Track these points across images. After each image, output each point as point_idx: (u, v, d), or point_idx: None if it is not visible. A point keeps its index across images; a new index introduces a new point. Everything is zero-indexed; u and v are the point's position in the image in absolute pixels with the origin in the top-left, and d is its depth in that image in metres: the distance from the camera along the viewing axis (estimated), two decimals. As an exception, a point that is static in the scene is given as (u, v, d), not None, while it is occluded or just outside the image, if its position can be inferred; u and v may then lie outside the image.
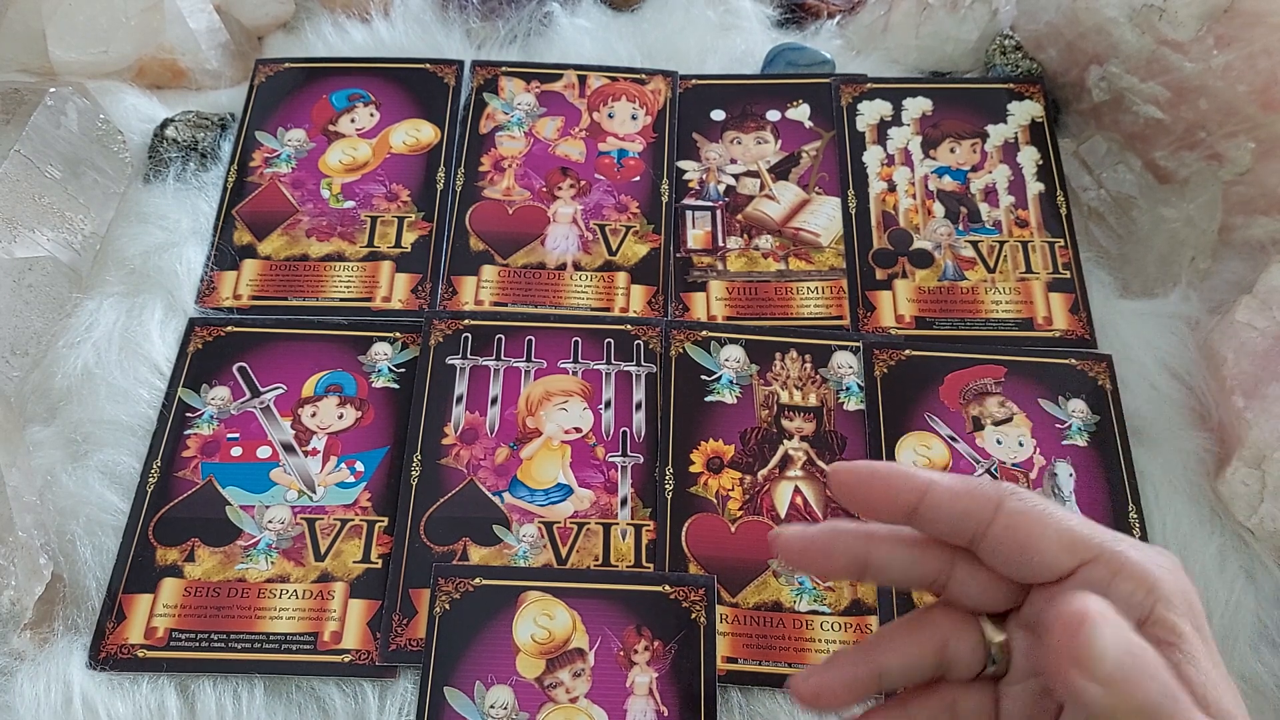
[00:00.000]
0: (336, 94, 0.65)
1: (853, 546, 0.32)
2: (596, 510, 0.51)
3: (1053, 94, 0.65)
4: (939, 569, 0.32)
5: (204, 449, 0.53)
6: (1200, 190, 0.57)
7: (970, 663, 0.32)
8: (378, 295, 0.58)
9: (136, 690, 0.46)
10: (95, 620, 0.48)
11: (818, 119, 0.65)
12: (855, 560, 0.32)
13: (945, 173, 0.62)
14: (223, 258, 0.59)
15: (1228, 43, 0.54)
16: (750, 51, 0.68)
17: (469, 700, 0.45)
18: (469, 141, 0.64)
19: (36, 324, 0.54)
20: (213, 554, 0.50)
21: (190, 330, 0.56)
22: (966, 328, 0.57)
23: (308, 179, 0.62)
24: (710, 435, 0.53)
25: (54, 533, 0.49)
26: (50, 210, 0.56)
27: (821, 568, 0.33)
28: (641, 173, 0.63)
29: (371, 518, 0.51)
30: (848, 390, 0.55)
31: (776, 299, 0.58)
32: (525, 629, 0.47)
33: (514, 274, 0.59)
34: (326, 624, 0.48)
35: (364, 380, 0.55)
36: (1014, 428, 0.53)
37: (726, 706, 0.46)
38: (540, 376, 0.55)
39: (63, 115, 0.58)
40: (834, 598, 0.49)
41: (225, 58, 0.67)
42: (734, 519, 0.51)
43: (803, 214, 0.61)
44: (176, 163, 0.62)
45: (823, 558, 0.32)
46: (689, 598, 0.48)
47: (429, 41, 0.68)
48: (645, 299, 0.58)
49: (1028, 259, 0.59)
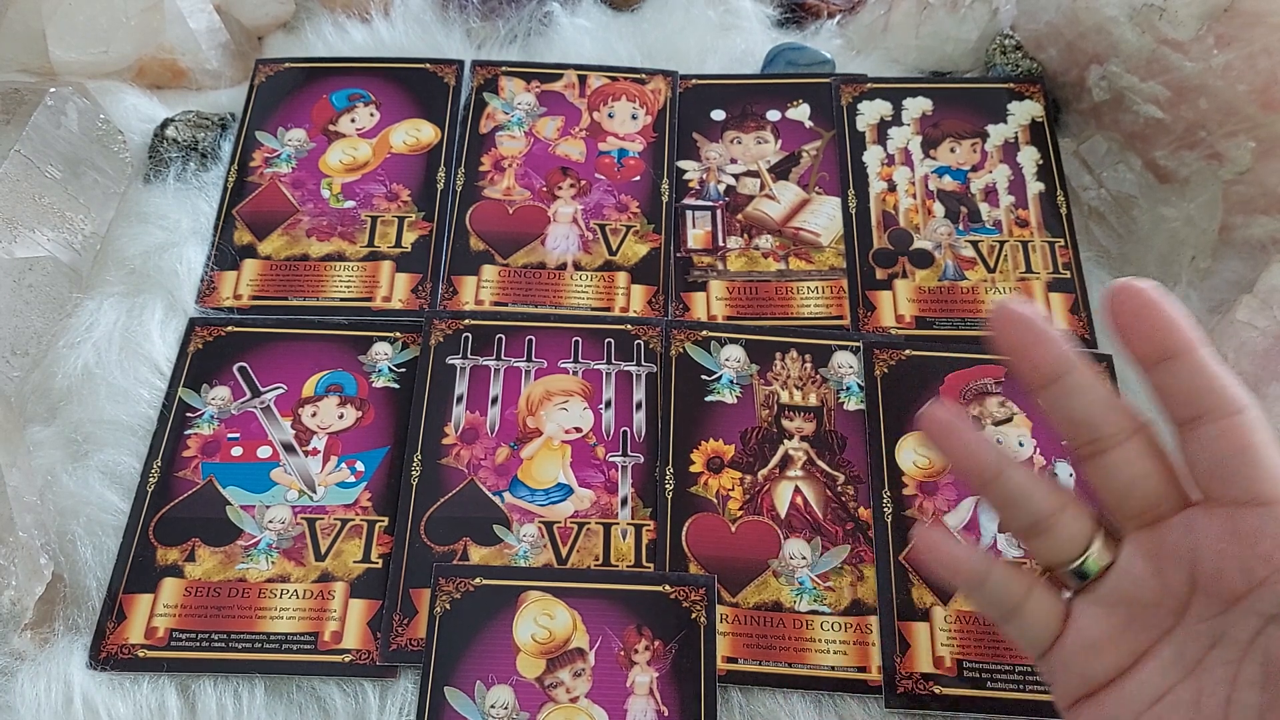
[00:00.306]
0: (336, 94, 0.65)
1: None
2: (597, 510, 0.51)
3: (1053, 94, 0.65)
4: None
5: (204, 449, 0.53)
6: (1200, 190, 0.57)
7: (1064, 561, 0.33)
8: (378, 295, 0.58)
9: (137, 690, 0.46)
10: (95, 620, 0.48)
11: (818, 119, 0.65)
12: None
13: (945, 172, 0.62)
14: (223, 258, 0.59)
15: (1228, 42, 0.54)
16: (750, 51, 0.68)
17: (469, 700, 0.45)
18: (469, 141, 0.64)
19: (36, 324, 0.54)
20: (213, 554, 0.50)
21: (190, 330, 0.56)
22: (967, 327, 0.57)
23: (308, 179, 0.62)
24: (710, 435, 0.53)
25: (54, 533, 0.49)
26: (50, 210, 0.56)
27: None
28: (641, 172, 0.63)
29: (372, 518, 0.51)
30: (848, 390, 0.55)
31: (776, 299, 0.58)
32: (525, 629, 0.47)
33: (514, 274, 0.59)
34: (327, 624, 0.48)
35: (364, 380, 0.55)
36: (1014, 428, 0.53)
37: (726, 706, 0.46)
38: (540, 376, 0.55)
39: (63, 115, 0.58)
40: (834, 598, 0.49)
41: (225, 58, 0.67)
42: (734, 519, 0.51)
43: (803, 214, 0.61)
44: (176, 163, 0.62)
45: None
46: (689, 597, 0.48)
47: (429, 41, 0.68)
48: (645, 299, 0.58)
49: (1028, 259, 0.59)
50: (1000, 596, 0.35)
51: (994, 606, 0.35)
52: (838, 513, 0.51)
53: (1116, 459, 0.31)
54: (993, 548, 0.50)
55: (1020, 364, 0.33)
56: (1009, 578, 0.35)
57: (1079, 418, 0.32)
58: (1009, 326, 0.32)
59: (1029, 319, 0.32)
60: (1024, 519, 0.34)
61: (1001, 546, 0.50)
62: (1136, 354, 0.31)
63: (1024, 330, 0.32)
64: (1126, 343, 0.32)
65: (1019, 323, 0.32)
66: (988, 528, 0.50)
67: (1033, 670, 0.46)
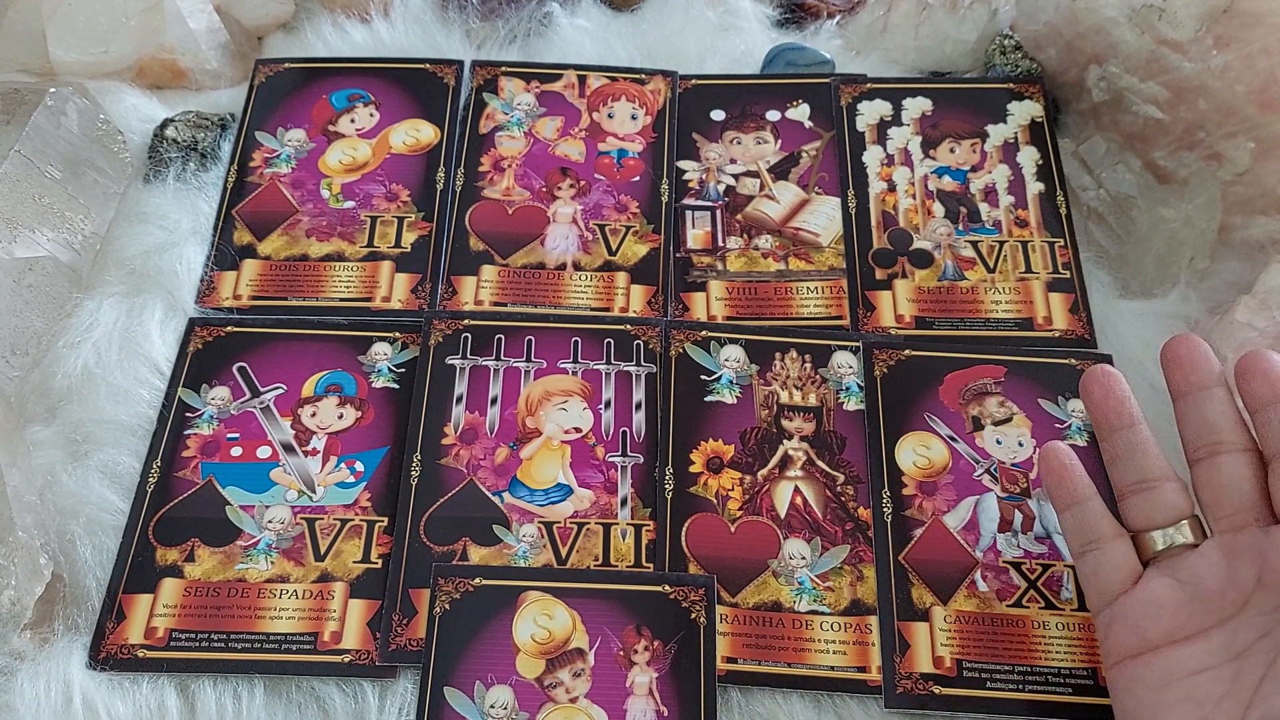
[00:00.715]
0: (336, 94, 0.65)
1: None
2: (596, 510, 0.51)
3: (1052, 94, 0.65)
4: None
5: (204, 449, 0.53)
6: (1199, 190, 0.57)
7: (1153, 526, 0.39)
8: (377, 295, 0.58)
9: (136, 690, 0.46)
10: (95, 620, 0.48)
11: (817, 119, 0.65)
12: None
13: (945, 173, 0.62)
14: (223, 258, 0.59)
15: (1227, 43, 0.54)
16: (750, 51, 0.68)
17: (469, 700, 0.45)
18: (469, 141, 0.64)
19: (36, 324, 0.54)
20: (213, 554, 0.50)
21: (190, 330, 0.56)
22: (966, 328, 0.57)
23: (308, 179, 0.62)
24: (710, 435, 0.53)
25: (54, 533, 0.49)
26: (50, 210, 0.56)
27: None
28: (641, 173, 0.63)
29: (371, 518, 0.51)
30: (848, 390, 0.55)
31: (776, 299, 0.58)
32: (525, 629, 0.47)
33: (514, 274, 0.59)
34: (326, 624, 0.48)
35: (364, 380, 0.55)
36: (1014, 428, 0.53)
37: (726, 706, 0.46)
38: (540, 376, 0.55)
39: (63, 115, 0.58)
40: (833, 598, 0.49)
41: (225, 58, 0.67)
42: (734, 519, 0.51)
43: (802, 214, 0.61)
44: (176, 163, 0.62)
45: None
46: (689, 598, 0.48)
47: (429, 41, 0.68)
48: (645, 299, 0.58)
49: (1027, 259, 0.59)
50: (1090, 524, 0.40)
51: (1078, 534, 0.40)
52: (837, 513, 0.51)
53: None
54: (992, 548, 0.50)
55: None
56: (1104, 514, 0.40)
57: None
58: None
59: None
60: (1133, 475, 0.39)
61: (1001, 547, 0.50)
62: (1245, 394, 0.38)
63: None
64: (1242, 388, 0.38)
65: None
66: (987, 527, 0.50)
67: (1033, 670, 0.46)
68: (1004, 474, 0.52)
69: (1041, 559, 0.49)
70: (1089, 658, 0.47)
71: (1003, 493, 0.51)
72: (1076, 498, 0.40)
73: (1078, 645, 0.47)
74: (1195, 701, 0.35)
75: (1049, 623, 0.48)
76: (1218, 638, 0.36)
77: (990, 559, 0.49)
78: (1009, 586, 0.49)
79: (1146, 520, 0.38)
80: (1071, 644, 0.47)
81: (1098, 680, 0.46)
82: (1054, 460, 0.41)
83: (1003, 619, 0.48)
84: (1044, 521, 0.50)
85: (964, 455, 0.52)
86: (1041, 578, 0.49)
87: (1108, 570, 0.39)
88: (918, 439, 0.53)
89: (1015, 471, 0.52)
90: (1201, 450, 0.38)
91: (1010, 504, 0.51)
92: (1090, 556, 0.39)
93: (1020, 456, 0.52)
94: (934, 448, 0.53)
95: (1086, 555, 0.39)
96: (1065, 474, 0.40)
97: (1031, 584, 0.49)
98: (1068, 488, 0.40)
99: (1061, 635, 0.47)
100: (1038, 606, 0.48)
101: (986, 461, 0.52)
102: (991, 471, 0.52)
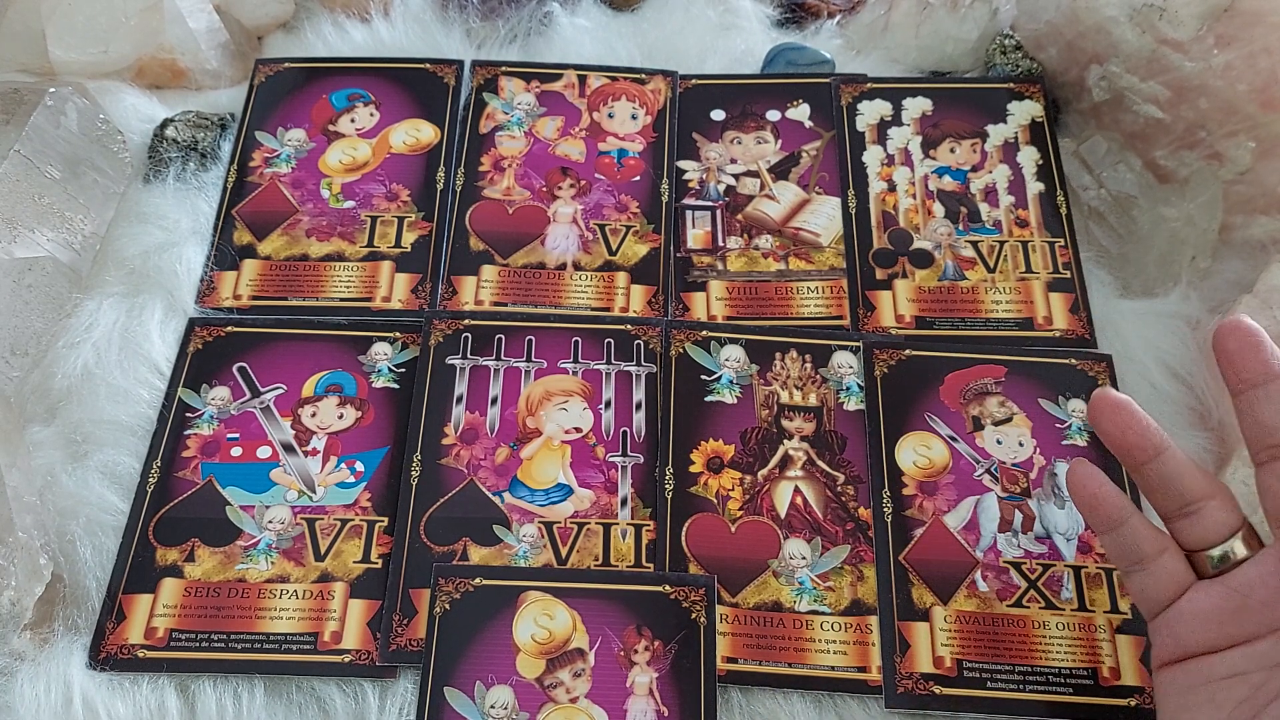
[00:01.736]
0: (336, 94, 0.65)
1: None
2: (596, 510, 0.51)
3: (1053, 93, 0.65)
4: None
5: (204, 449, 0.53)
6: (1200, 190, 0.57)
7: (1204, 545, 0.37)
8: (378, 295, 0.58)
9: (136, 690, 0.46)
10: (95, 620, 0.48)
11: (818, 119, 0.65)
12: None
13: (945, 172, 0.62)
14: (223, 258, 0.59)
15: (1228, 42, 0.54)
16: (750, 51, 0.68)
17: (469, 700, 0.45)
18: (469, 141, 0.64)
19: (36, 324, 0.54)
20: (213, 554, 0.50)
21: (190, 330, 0.56)
22: (966, 327, 0.57)
23: (308, 179, 0.62)
24: (710, 435, 0.53)
25: (54, 533, 0.49)
26: (50, 210, 0.56)
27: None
28: (641, 172, 0.63)
29: (371, 518, 0.51)
30: (848, 390, 0.55)
31: (776, 299, 0.58)
32: (525, 629, 0.47)
33: (514, 274, 0.59)
34: (326, 624, 0.48)
35: (364, 380, 0.55)
36: (1014, 427, 0.53)
37: (726, 706, 0.46)
38: (540, 376, 0.55)
39: (63, 115, 0.58)
40: (834, 598, 0.49)
41: (225, 58, 0.67)
42: (734, 519, 0.51)
43: (803, 214, 0.61)
44: (176, 163, 0.62)
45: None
46: (689, 598, 0.48)
47: (429, 41, 0.68)
48: (645, 299, 0.58)
49: (1028, 259, 0.59)
50: (1131, 546, 0.38)
51: (1122, 555, 0.39)
52: (838, 513, 0.51)
53: None
54: (992, 548, 0.50)
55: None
56: (1145, 532, 0.38)
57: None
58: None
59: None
60: (1174, 502, 0.37)
61: (1001, 547, 0.50)
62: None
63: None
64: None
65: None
66: (987, 527, 0.50)
67: (1033, 670, 0.46)
68: (1004, 474, 0.52)
69: (1042, 559, 0.49)
70: (1089, 658, 0.47)
71: (1003, 493, 0.51)
72: (1113, 523, 0.38)
73: (1078, 645, 0.47)
74: (1215, 704, 0.35)
75: (1049, 623, 0.48)
76: (1262, 646, 0.35)
77: (990, 559, 0.49)
78: (1009, 586, 0.49)
79: (1198, 541, 0.37)
80: (1072, 644, 0.47)
81: (1098, 680, 0.46)
82: (1083, 491, 0.38)
83: (1003, 619, 0.48)
84: (1044, 521, 0.50)
85: (964, 455, 0.52)
86: (1042, 578, 0.49)
87: (1154, 589, 0.38)
88: (918, 439, 0.53)
89: (1016, 471, 0.52)
90: (1263, 454, 0.36)
91: (1010, 504, 0.51)
92: (1136, 576, 0.38)
93: (1020, 456, 0.52)
94: (934, 448, 0.53)
95: (1132, 575, 0.38)
96: (1098, 504, 0.38)
97: (1032, 584, 0.49)
98: (1103, 515, 0.38)
99: (1062, 635, 0.47)
100: (1038, 606, 0.48)
101: (987, 461, 0.52)
102: (992, 471, 0.52)
